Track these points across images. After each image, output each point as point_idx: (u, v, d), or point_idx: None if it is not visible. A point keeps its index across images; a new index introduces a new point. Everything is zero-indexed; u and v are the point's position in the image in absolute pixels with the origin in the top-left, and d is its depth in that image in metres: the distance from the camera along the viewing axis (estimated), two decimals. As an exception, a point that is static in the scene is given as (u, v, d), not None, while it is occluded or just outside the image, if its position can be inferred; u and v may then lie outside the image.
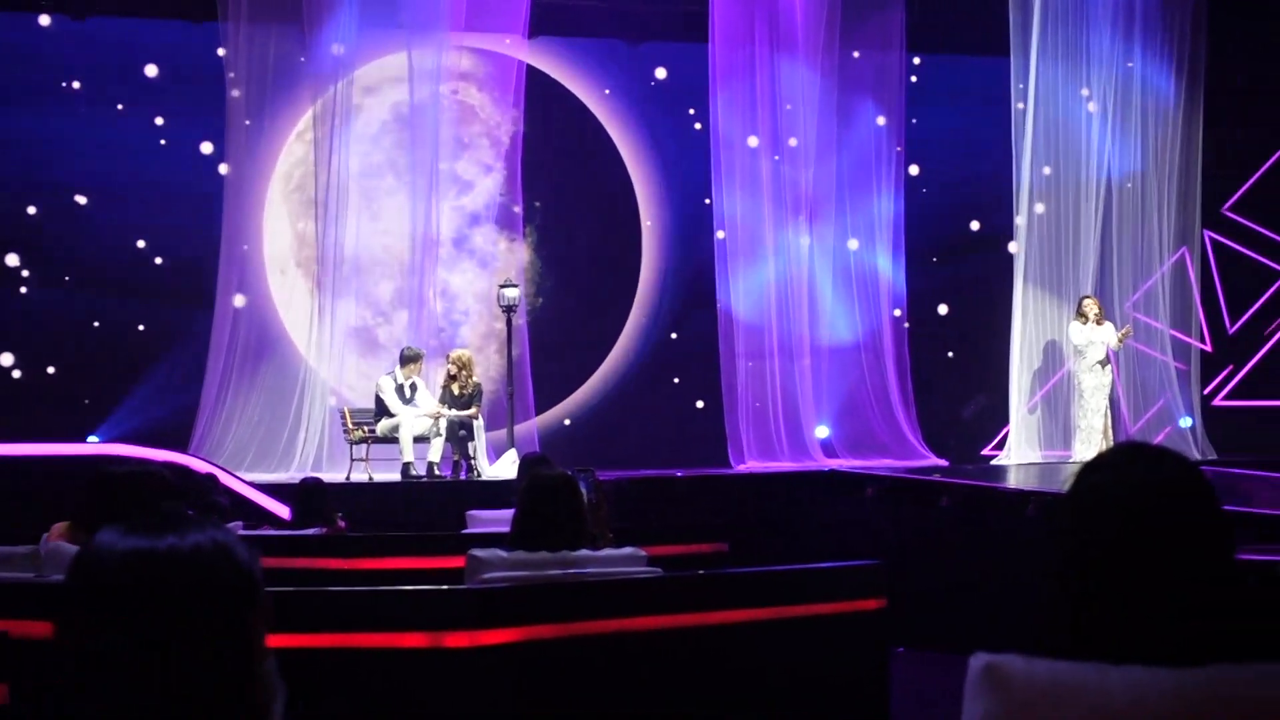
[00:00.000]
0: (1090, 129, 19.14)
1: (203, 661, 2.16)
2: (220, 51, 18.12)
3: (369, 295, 18.57)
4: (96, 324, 18.52)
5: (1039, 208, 19.12)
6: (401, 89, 18.36)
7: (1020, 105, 19.06)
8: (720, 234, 19.14)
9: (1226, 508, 2.55)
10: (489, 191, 19.15)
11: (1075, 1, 19.03)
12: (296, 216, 18.63)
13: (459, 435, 16.62)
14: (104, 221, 18.45)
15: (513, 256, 19.20)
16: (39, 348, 18.44)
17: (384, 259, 18.60)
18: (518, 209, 19.23)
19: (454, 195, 19.01)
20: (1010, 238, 19.24)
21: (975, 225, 20.44)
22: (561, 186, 19.89)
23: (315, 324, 17.89)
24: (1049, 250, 19.06)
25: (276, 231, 18.77)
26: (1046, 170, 19.17)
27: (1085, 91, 19.25)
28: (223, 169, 18.20)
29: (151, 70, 18.68)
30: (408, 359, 16.76)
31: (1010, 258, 19.28)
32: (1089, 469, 2.59)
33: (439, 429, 16.40)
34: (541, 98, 19.52)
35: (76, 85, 18.51)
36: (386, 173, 18.67)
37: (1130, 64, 19.30)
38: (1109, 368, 17.86)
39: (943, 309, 20.49)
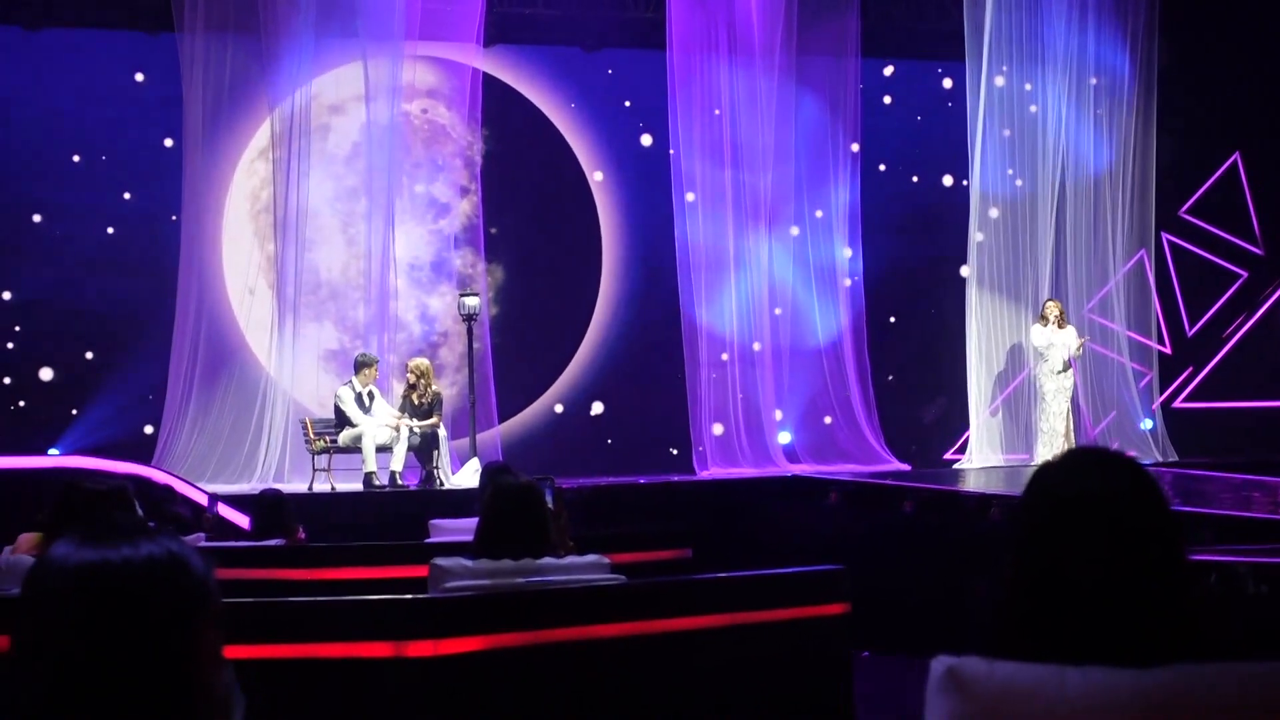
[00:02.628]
0: (1046, 133, 19.20)
1: (158, 672, 2.15)
2: (167, 58, 18.09)
3: (345, 319, 18.46)
4: (54, 337, 18.42)
5: (994, 212, 19.17)
6: (378, 111, 18.29)
7: (975, 110, 19.07)
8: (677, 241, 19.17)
9: (1188, 509, 2.59)
10: (465, 214, 19.15)
11: (1029, 9, 19.10)
12: (265, 238, 18.49)
13: (426, 445, 16.57)
14: (61, 234, 18.39)
15: (491, 279, 19.27)
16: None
17: (361, 283, 18.48)
18: (495, 230, 19.30)
19: (431, 219, 19.00)
20: (967, 242, 19.23)
21: (932, 229, 20.50)
22: (522, 194, 19.88)
23: (275, 339, 17.81)
24: (1007, 254, 19.11)
25: (241, 251, 18.67)
26: (1011, 173, 19.22)
27: (1035, 107, 19.29)
28: (181, 180, 18.11)
29: (107, 81, 18.61)
30: (361, 365, 16.69)
31: (967, 262, 19.32)
32: (1042, 473, 2.62)
33: (400, 436, 16.33)
34: (500, 107, 19.52)
35: (31, 97, 18.42)
36: (361, 196, 18.54)
37: (1085, 70, 19.37)
38: (1070, 370, 17.93)
39: (903, 312, 20.53)
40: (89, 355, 18.47)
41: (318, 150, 18.49)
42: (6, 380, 18.38)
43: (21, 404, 18.28)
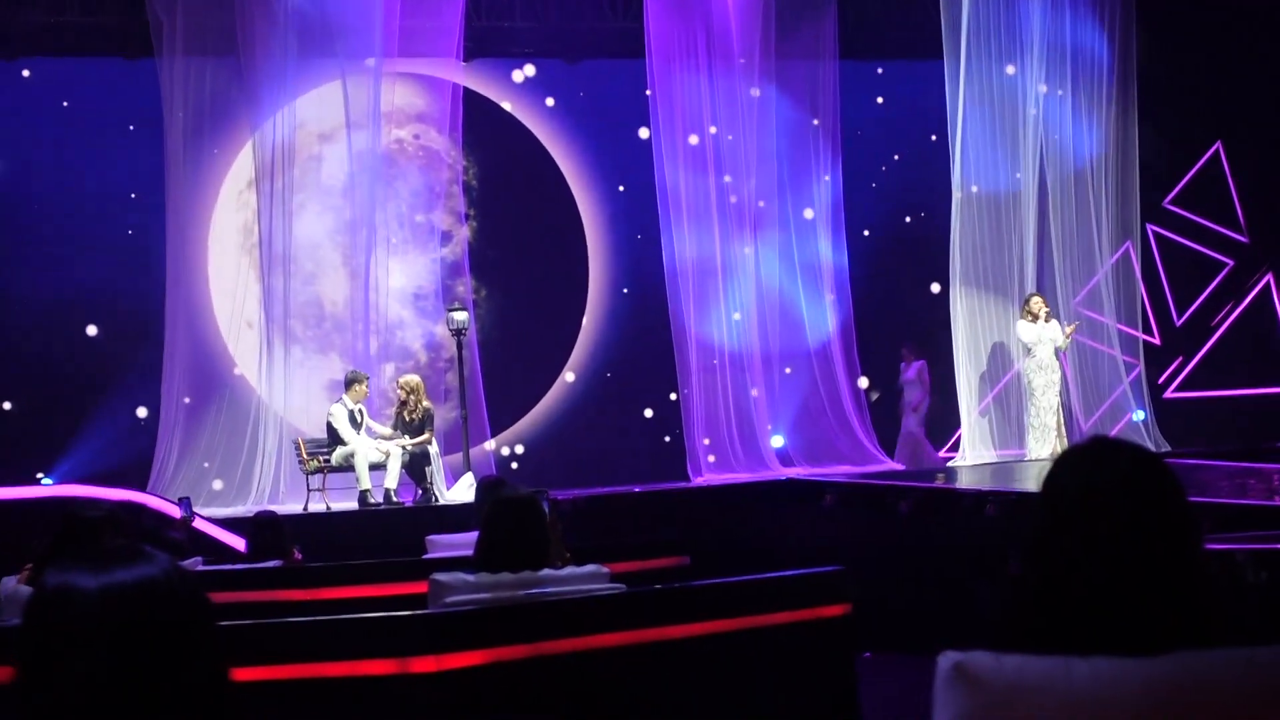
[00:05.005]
0: (1026, 128, 19.18)
1: (177, 688, 2.16)
2: (146, 84, 18.13)
3: (350, 350, 18.34)
4: (44, 365, 18.42)
5: (976, 208, 19.09)
6: (360, 137, 18.27)
7: (955, 107, 19.04)
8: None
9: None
10: (466, 240, 19.17)
11: (1006, 1, 19.07)
12: (263, 271, 18.32)
13: (418, 462, 16.53)
14: (45, 262, 18.36)
15: (481, 296, 19.28)
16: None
17: (365, 314, 18.38)
18: (490, 252, 19.36)
19: (434, 246, 18.98)
20: (950, 239, 19.15)
21: (915, 227, 20.53)
22: (507, 208, 19.93)
23: (266, 361, 17.79)
24: (990, 251, 19.06)
25: (228, 277, 18.60)
26: (997, 172, 19.17)
27: (1015, 102, 19.25)
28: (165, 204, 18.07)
29: (88, 109, 18.62)
30: (351, 381, 16.70)
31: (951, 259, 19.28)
32: (1059, 465, 2.61)
33: (393, 453, 16.30)
34: (482, 122, 19.53)
35: (12, 126, 18.44)
36: (362, 227, 18.42)
37: (1064, 63, 19.36)
38: (1058, 365, 17.92)
39: (890, 312, 20.50)
40: (80, 382, 18.44)
41: (313, 182, 18.51)
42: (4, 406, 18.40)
43: (12, 433, 18.24)
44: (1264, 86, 20.60)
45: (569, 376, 20.20)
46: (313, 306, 18.53)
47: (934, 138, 19.77)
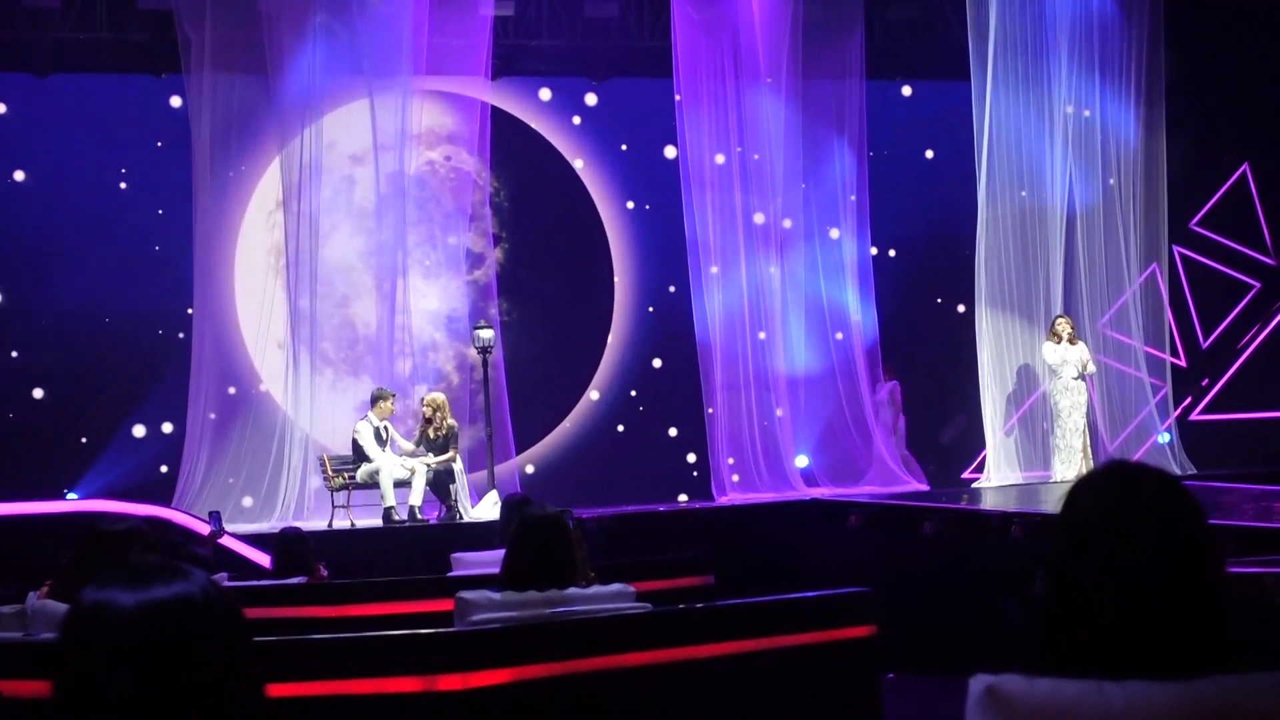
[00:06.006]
0: (1052, 148, 19.14)
1: (212, 709, 2.17)
2: (174, 101, 18.25)
3: (383, 373, 18.27)
4: (72, 381, 18.48)
5: (1002, 229, 19.05)
6: (388, 157, 18.27)
7: (981, 127, 19.00)
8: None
9: (1210, 521, 2.58)
10: (496, 262, 19.20)
11: (1033, 19, 19.02)
12: (290, 291, 18.31)
13: (442, 480, 16.56)
14: (75, 278, 18.41)
15: (510, 316, 19.32)
16: (13, 403, 18.42)
17: (397, 336, 18.39)
18: (518, 269, 19.43)
19: (466, 269, 19.00)
20: (975, 260, 19.11)
21: (943, 248, 20.49)
22: (533, 227, 19.95)
23: (292, 378, 17.80)
24: (1016, 272, 19.02)
25: (254, 292, 18.60)
26: (1024, 193, 19.13)
27: (1041, 122, 19.22)
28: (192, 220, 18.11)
29: (117, 125, 18.70)
30: (377, 398, 16.73)
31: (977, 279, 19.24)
32: (1078, 489, 2.61)
33: (417, 471, 16.32)
34: (509, 140, 19.55)
35: (43, 142, 18.51)
36: (390, 249, 18.44)
37: (1092, 84, 19.31)
38: (1084, 386, 17.88)
39: (916, 332, 20.51)
40: (105, 398, 18.52)
41: (344, 204, 18.53)
42: (26, 423, 18.43)
43: (38, 448, 18.29)
44: (1292, 108, 20.57)
45: (594, 395, 20.23)
46: (345, 329, 18.56)
47: (960, 158, 19.71)
